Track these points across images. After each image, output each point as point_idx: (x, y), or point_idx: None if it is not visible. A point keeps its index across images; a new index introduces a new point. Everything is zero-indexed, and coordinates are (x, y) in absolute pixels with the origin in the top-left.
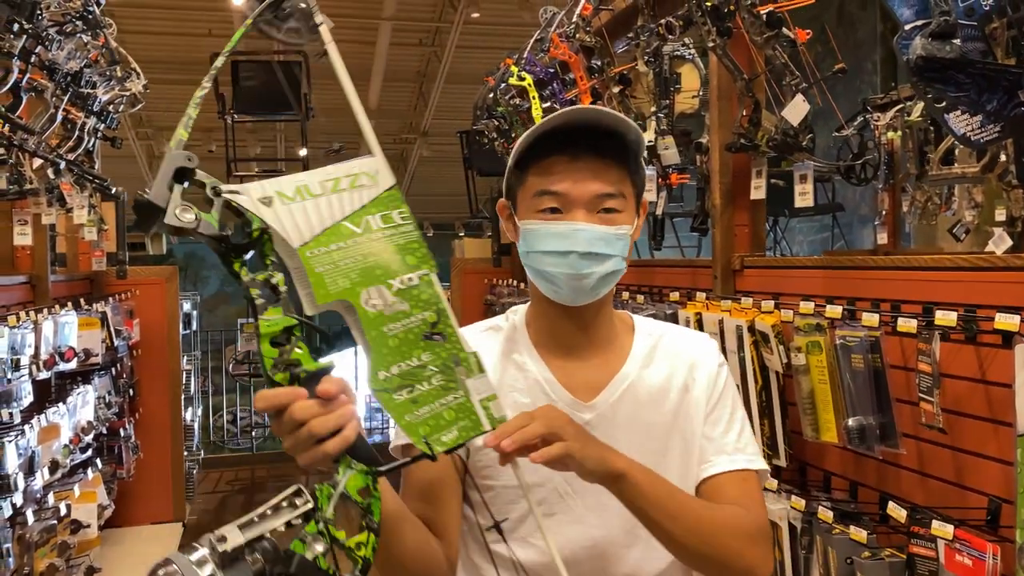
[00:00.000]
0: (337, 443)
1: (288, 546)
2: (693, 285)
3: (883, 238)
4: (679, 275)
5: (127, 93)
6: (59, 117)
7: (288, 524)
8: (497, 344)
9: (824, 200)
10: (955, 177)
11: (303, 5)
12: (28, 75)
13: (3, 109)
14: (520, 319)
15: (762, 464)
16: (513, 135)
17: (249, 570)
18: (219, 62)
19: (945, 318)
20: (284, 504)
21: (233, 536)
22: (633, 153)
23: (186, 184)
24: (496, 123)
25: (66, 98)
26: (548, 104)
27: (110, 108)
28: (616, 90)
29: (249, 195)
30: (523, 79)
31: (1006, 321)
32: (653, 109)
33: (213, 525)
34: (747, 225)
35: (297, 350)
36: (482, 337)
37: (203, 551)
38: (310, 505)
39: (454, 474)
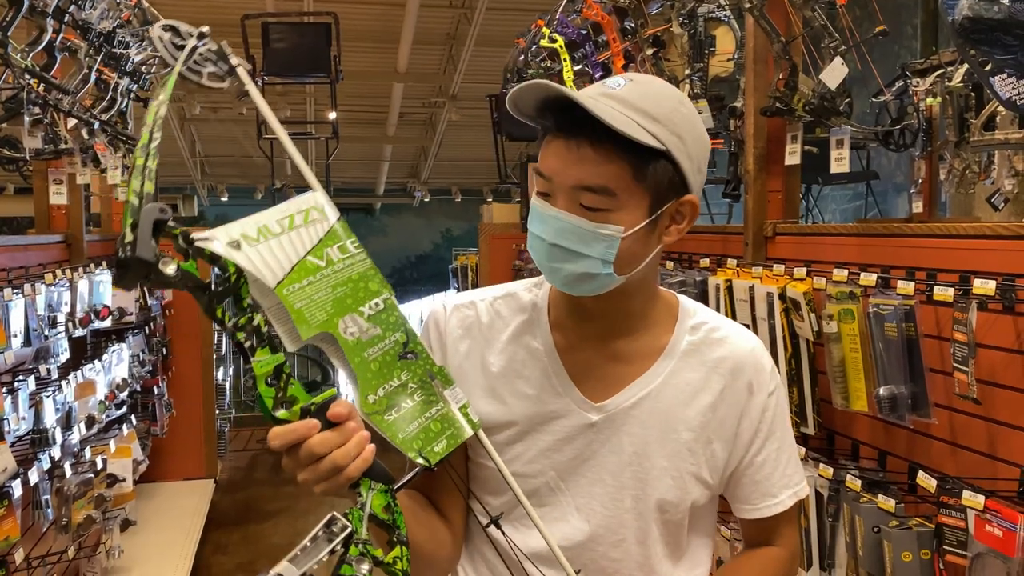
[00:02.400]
0: (359, 466)
1: (339, 572)
2: (724, 252)
3: (918, 207)
4: (710, 241)
5: (159, 54)
6: (93, 77)
7: (331, 552)
8: (513, 319)
9: (859, 168)
10: (998, 143)
11: (214, 48)
12: (62, 35)
13: (38, 68)
14: (543, 296)
15: (805, 490)
16: None
17: None
18: (156, 112)
19: (983, 287)
20: (321, 534)
21: (289, 573)
22: (646, 147)
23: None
24: None
25: (99, 58)
26: (580, 67)
27: (142, 69)
28: (650, 52)
29: (218, 240)
30: (554, 41)
31: None
32: (687, 72)
33: (245, 482)
34: (780, 191)
35: (291, 387)
36: (499, 304)
37: None
38: (348, 530)
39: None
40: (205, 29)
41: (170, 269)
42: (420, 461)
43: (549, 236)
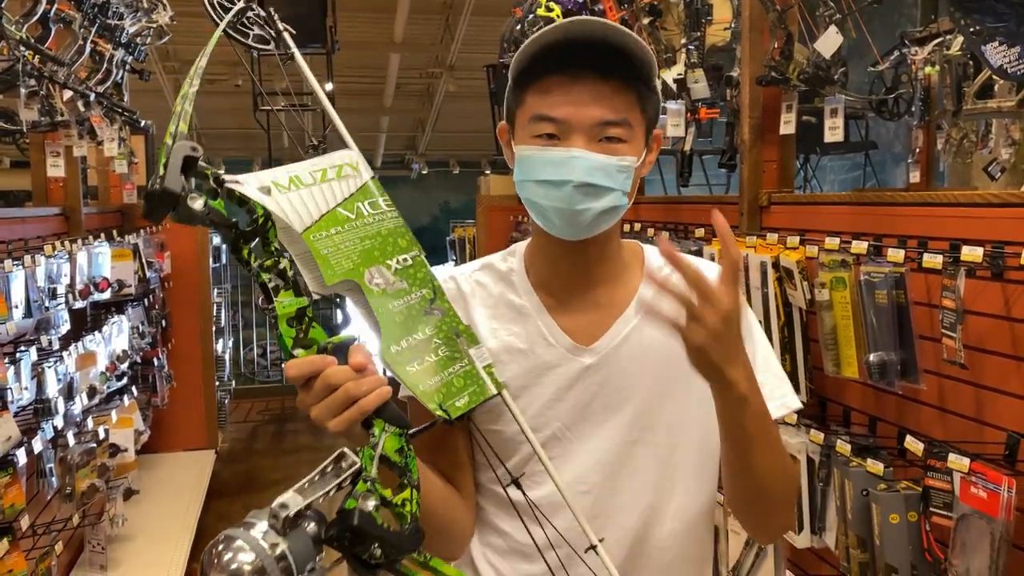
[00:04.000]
0: (372, 400)
1: (344, 505)
2: None
3: (915, 177)
4: (706, 212)
5: (154, 25)
6: (88, 49)
7: (339, 487)
8: (494, 285)
9: (857, 138)
10: (991, 112)
11: (262, 13)
12: (56, 6)
13: (33, 40)
14: (519, 260)
15: (795, 400)
16: None
17: (307, 535)
18: (197, 64)
19: (971, 254)
20: (330, 469)
21: (294, 501)
22: (644, 75)
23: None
24: None
25: (94, 30)
26: None
27: (137, 40)
28: (646, 21)
29: (249, 184)
30: (551, 10)
31: None
32: (683, 41)
33: (245, 453)
34: (775, 161)
35: (312, 330)
36: (478, 275)
37: (263, 523)
38: (357, 466)
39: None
40: None
41: (198, 204)
42: (440, 413)
43: (578, 176)
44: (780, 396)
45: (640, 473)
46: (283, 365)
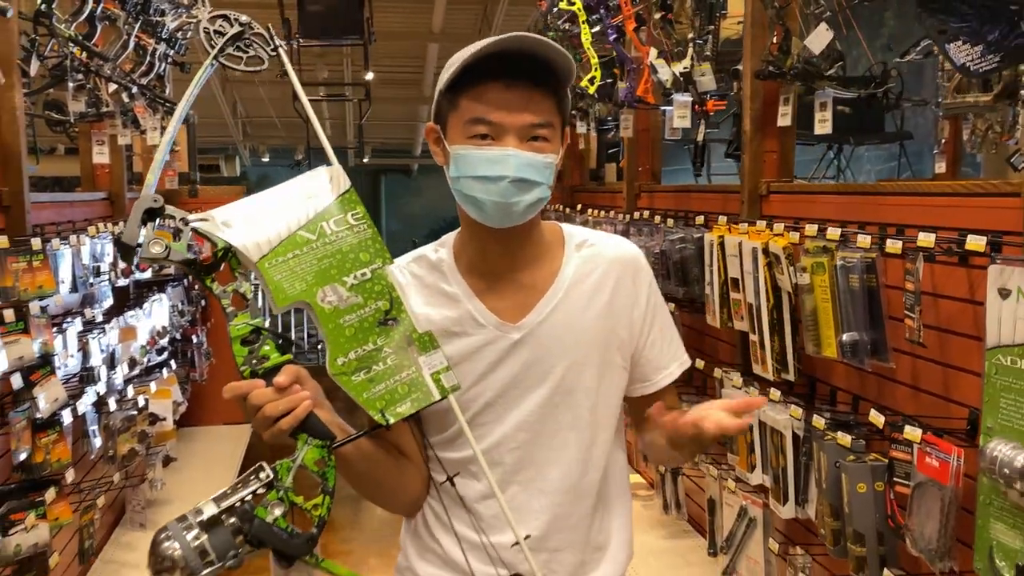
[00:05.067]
0: (288, 421)
1: (253, 512)
2: (723, 210)
3: (941, 167)
4: (711, 200)
5: (193, 20)
6: (131, 44)
7: (254, 493)
8: (428, 276)
9: (892, 128)
10: (968, 106)
11: (260, 31)
12: (102, 5)
13: (80, 37)
14: (448, 251)
15: (687, 361)
16: None
17: (228, 531)
18: (181, 109)
19: (926, 239)
20: (251, 478)
21: (208, 508)
22: (564, 82)
23: (157, 220)
24: None
25: (137, 26)
26: (597, 29)
27: (178, 35)
28: (658, 16)
29: (214, 220)
30: (572, 3)
31: (975, 243)
32: (690, 36)
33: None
34: (776, 152)
35: (266, 347)
36: (412, 267)
37: (190, 520)
38: (270, 477)
39: None
40: (244, 19)
41: (157, 249)
42: (378, 418)
43: (512, 172)
44: (680, 356)
45: (562, 431)
46: (224, 387)
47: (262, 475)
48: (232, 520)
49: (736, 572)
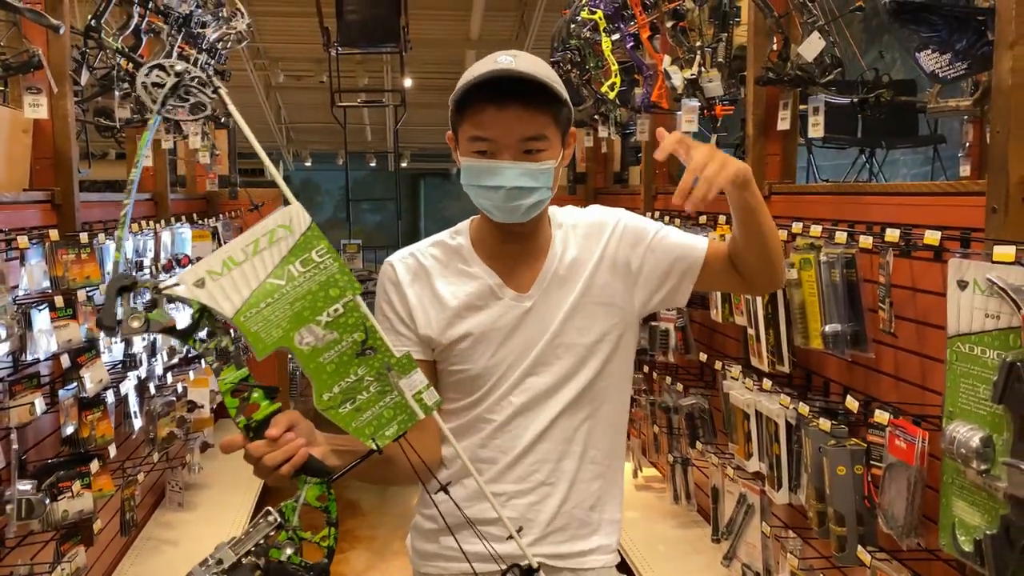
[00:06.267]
0: (287, 469)
1: (268, 554)
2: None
3: (966, 170)
4: (718, 201)
5: (233, 31)
6: (174, 55)
7: (266, 537)
8: (449, 259)
9: (926, 131)
10: (951, 110)
11: (199, 75)
12: (147, 19)
13: (127, 49)
14: (466, 238)
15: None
16: (587, 67)
17: (247, 570)
18: (135, 175)
19: (892, 235)
20: (261, 522)
21: (227, 556)
22: (556, 97)
23: (131, 295)
24: (570, 55)
25: (180, 37)
26: (616, 36)
27: (218, 45)
28: (669, 25)
29: (185, 283)
30: (594, 12)
31: (932, 237)
32: (698, 43)
33: (314, 422)
34: (778, 154)
35: (254, 394)
36: (433, 251)
37: (211, 565)
38: (278, 520)
39: (428, 367)
40: (180, 67)
41: (136, 324)
42: (370, 444)
43: (508, 182)
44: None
45: (575, 378)
46: (219, 443)
47: (270, 519)
48: (249, 561)
49: (736, 556)
